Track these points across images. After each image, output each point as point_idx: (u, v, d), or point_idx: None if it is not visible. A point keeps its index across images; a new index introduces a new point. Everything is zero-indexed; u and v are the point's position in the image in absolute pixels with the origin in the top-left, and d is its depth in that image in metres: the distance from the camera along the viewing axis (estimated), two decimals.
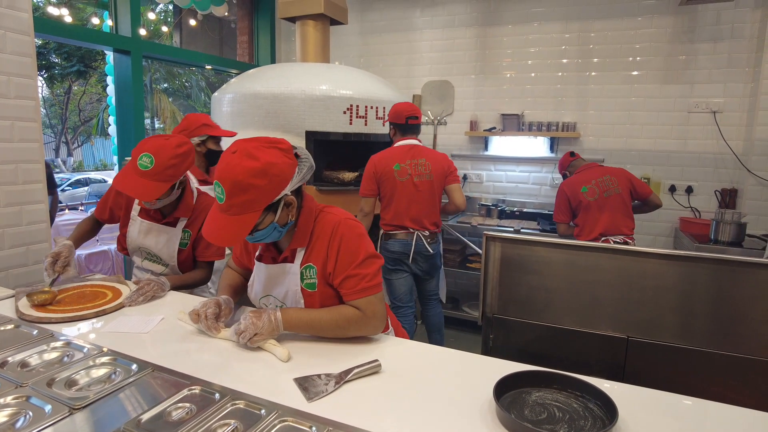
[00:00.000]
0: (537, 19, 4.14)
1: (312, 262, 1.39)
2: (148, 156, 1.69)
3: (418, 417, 1.01)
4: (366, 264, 1.37)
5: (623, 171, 3.13)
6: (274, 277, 1.44)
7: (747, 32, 3.55)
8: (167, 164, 1.70)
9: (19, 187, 2.28)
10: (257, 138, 1.28)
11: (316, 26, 3.75)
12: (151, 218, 1.91)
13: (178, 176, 1.76)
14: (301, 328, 1.36)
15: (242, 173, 1.19)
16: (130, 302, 1.62)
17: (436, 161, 2.93)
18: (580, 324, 2.19)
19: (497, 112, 4.33)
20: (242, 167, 1.20)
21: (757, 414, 1.05)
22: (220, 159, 1.25)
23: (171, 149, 1.72)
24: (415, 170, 2.89)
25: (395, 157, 2.88)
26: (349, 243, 1.36)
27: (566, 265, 2.21)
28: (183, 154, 1.76)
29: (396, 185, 2.87)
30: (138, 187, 1.69)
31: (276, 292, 1.45)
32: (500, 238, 2.31)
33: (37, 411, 1.00)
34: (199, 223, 1.93)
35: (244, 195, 1.21)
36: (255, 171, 1.20)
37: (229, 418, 0.99)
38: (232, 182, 1.20)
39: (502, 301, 2.34)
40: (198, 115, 2.60)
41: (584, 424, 0.98)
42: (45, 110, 15.47)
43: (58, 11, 9.85)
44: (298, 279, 1.39)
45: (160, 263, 1.95)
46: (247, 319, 1.30)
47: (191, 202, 1.93)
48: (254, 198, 1.22)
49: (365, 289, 1.36)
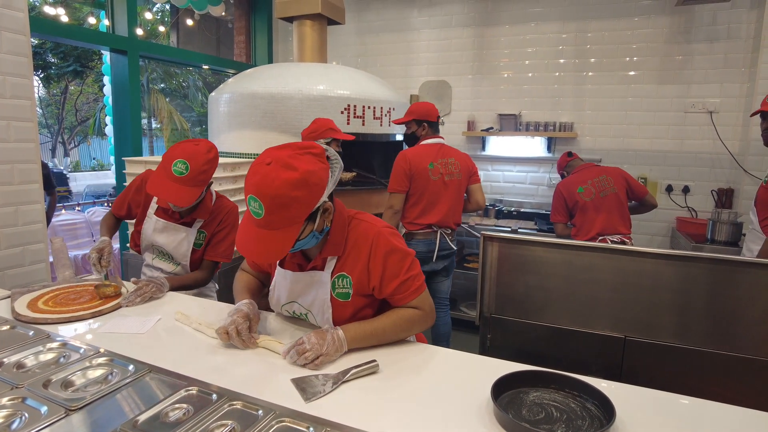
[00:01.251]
0: (534, 19, 4.15)
1: (346, 271, 1.35)
2: (183, 162, 1.72)
3: (415, 417, 1.01)
4: (413, 266, 1.38)
5: (619, 170, 3.14)
6: (301, 284, 1.39)
7: (743, 32, 3.56)
8: (201, 169, 1.74)
9: (15, 188, 2.27)
10: (288, 145, 1.21)
11: (314, 26, 3.75)
12: (169, 217, 1.94)
13: (208, 181, 1.81)
14: (365, 341, 1.31)
15: (282, 186, 1.12)
16: (127, 303, 1.62)
17: (464, 161, 2.97)
18: (577, 324, 2.19)
19: (494, 112, 4.33)
20: (281, 179, 1.12)
21: (754, 413, 1.06)
22: (251, 170, 1.17)
23: (203, 155, 1.76)
24: (446, 169, 2.89)
25: (429, 155, 2.87)
26: (396, 252, 1.34)
27: (563, 264, 2.22)
28: (213, 159, 1.80)
29: (429, 184, 2.86)
30: (173, 192, 1.72)
31: (302, 299, 1.41)
32: (498, 238, 2.31)
33: (33, 412, 1.00)
34: (215, 224, 1.96)
35: (286, 210, 1.13)
36: (294, 182, 1.12)
37: (226, 419, 0.98)
38: (271, 197, 1.12)
39: (500, 300, 2.34)
40: (324, 119, 2.86)
41: (582, 424, 0.98)
42: (41, 110, 15.40)
43: (55, 11, 9.81)
44: (329, 288, 1.35)
45: (172, 262, 1.98)
46: (311, 339, 1.23)
47: (210, 204, 1.96)
48: (296, 211, 1.15)
49: (420, 287, 1.37)
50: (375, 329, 1.32)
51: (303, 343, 1.23)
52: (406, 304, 1.37)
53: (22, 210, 2.30)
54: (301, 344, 1.23)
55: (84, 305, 1.58)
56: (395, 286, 1.34)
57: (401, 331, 1.35)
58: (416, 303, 1.37)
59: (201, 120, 13.01)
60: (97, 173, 14.49)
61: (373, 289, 1.36)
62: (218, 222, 1.97)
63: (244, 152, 3.44)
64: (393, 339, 1.35)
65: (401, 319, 1.35)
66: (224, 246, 1.99)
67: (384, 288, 1.34)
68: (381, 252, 1.33)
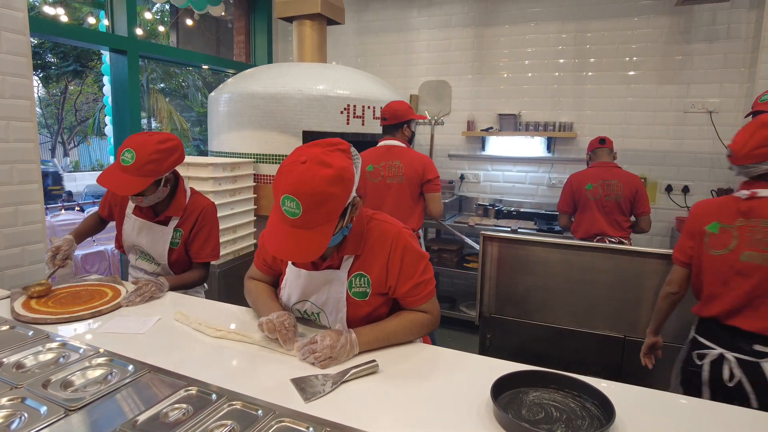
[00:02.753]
0: (534, 19, 4.15)
1: (364, 270, 1.35)
2: (129, 152, 1.70)
3: (415, 417, 1.01)
4: (427, 269, 1.39)
5: (635, 181, 3.05)
6: (316, 282, 1.37)
7: (743, 32, 3.56)
8: (148, 159, 1.70)
9: (14, 188, 2.27)
10: (317, 142, 1.21)
11: (313, 26, 3.75)
12: (144, 216, 1.92)
13: (160, 172, 1.75)
14: (377, 344, 1.31)
15: (321, 183, 1.11)
16: (127, 302, 1.62)
17: (412, 166, 2.85)
18: (577, 324, 2.19)
19: (494, 112, 4.33)
20: (319, 177, 1.11)
21: (753, 413, 1.06)
22: (284, 170, 1.16)
23: (153, 145, 1.72)
24: (388, 172, 2.86)
25: (371, 158, 2.86)
26: (414, 253, 1.36)
27: (563, 264, 2.22)
28: (166, 150, 1.75)
29: (368, 185, 2.86)
30: (119, 182, 1.69)
31: (315, 298, 1.39)
32: (497, 238, 2.31)
33: (32, 412, 1.00)
34: (191, 223, 1.92)
35: (324, 206, 1.13)
36: (332, 179, 1.12)
37: (225, 419, 0.98)
38: (310, 195, 1.11)
39: (499, 300, 2.34)
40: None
41: (581, 424, 0.98)
42: (41, 110, 15.39)
43: (54, 11, 9.81)
44: (345, 287, 1.35)
45: (153, 262, 1.96)
46: (325, 340, 1.22)
47: (183, 202, 1.92)
48: (333, 207, 1.15)
49: (431, 292, 1.40)
50: (388, 334, 1.33)
51: (315, 343, 1.23)
52: (416, 307, 1.38)
53: (21, 210, 2.30)
54: (314, 343, 1.23)
55: (83, 305, 1.58)
56: (410, 287, 1.35)
57: (411, 334, 1.37)
58: (427, 307, 1.39)
59: (201, 120, 13.02)
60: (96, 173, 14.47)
61: (389, 288, 1.36)
62: (194, 221, 1.92)
63: (243, 152, 3.44)
64: (402, 341, 1.37)
65: (412, 323, 1.37)
66: (210, 246, 1.96)
67: (399, 288, 1.35)
68: (399, 251, 1.34)
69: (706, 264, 1.62)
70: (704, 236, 1.60)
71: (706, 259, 1.62)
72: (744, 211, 1.55)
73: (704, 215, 1.62)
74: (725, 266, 1.57)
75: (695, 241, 1.64)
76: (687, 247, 1.68)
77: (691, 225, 1.66)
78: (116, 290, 1.72)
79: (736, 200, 1.59)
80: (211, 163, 2.91)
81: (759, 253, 1.52)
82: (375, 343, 1.31)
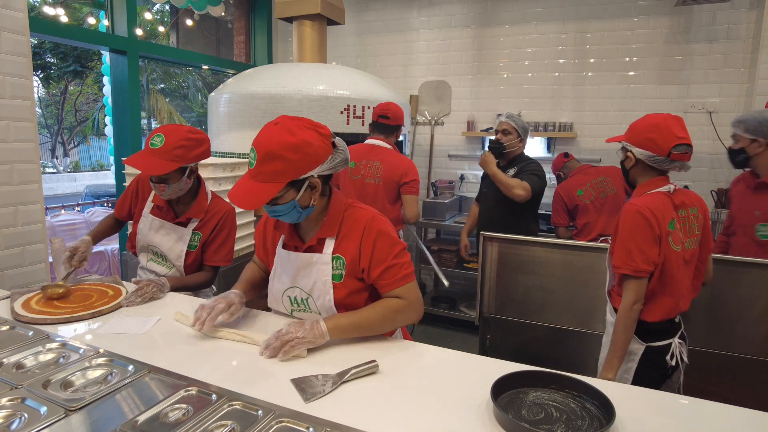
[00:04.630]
0: (534, 19, 4.15)
1: (341, 253, 1.40)
2: (159, 136, 1.73)
3: (415, 417, 1.01)
4: (402, 254, 1.40)
5: (618, 170, 3.12)
6: (301, 267, 1.43)
7: (742, 33, 3.56)
8: (177, 144, 1.73)
9: (14, 188, 2.27)
10: (301, 118, 1.32)
11: (313, 26, 3.75)
12: (164, 216, 1.92)
13: (187, 159, 1.77)
14: (349, 331, 1.35)
15: (277, 144, 1.24)
16: (128, 302, 1.62)
17: (391, 167, 2.83)
18: (577, 324, 2.19)
19: (494, 112, 4.33)
20: (279, 139, 1.24)
21: (754, 413, 1.06)
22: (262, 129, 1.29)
23: (183, 132, 1.76)
24: (367, 171, 2.86)
25: (353, 156, 2.84)
26: (386, 237, 1.39)
27: (563, 265, 2.22)
28: (195, 140, 1.79)
29: (347, 183, 2.86)
30: (146, 163, 1.71)
31: (302, 283, 1.44)
32: (497, 238, 2.31)
33: (32, 413, 1.00)
34: (211, 226, 1.93)
35: (273, 164, 1.24)
36: (289, 145, 1.23)
37: (226, 419, 0.98)
38: (265, 150, 1.24)
39: (500, 301, 2.34)
40: None
41: (582, 424, 0.98)
42: (41, 110, 15.40)
43: (54, 11, 9.81)
44: (329, 269, 1.39)
45: (165, 264, 1.95)
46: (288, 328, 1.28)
47: (205, 204, 1.93)
48: (282, 169, 1.24)
49: (406, 276, 1.39)
50: (359, 319, 1.35)
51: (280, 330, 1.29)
52: (391, 292, 1.39)
53: (21, 210, 2.30)
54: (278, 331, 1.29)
55: (83, 305, 1.58)
56: (382, 269, 1.37)
57: (386, 321, 1.38)
58: (401, 292, 1.39)
59: (201, 120, 13.01)
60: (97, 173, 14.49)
61: (362, 270, 1.39)
62: (215, 225, 1.94)
63: (243, 152, 3.44)
64: (380, 330, 1.38)
65: (385, 308, 1.38)
66: (225, 251, 1.97)
67: (372, 271, 1.38)
68: (373, 234, 1.38)
69: (670, 264, 1.61)
70: (668, 236, 1.60)
71: (670, 258, 1.60)
72: (677, 204, 1.64)
73: (662, 217, 1.59)
74: (681, 260, 1.63)
75: (661, 245, 1.59)
76: (653, 254, 1.57)
77: (653, 230, 1.57)
78: (117, 290, 1.72)
79: (667, 195, 1.64)
80: (211, 163, 2.91)
81: (693, 238, 1.67)
82: (346, 329, 1.34)
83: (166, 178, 1.77)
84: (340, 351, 1.32)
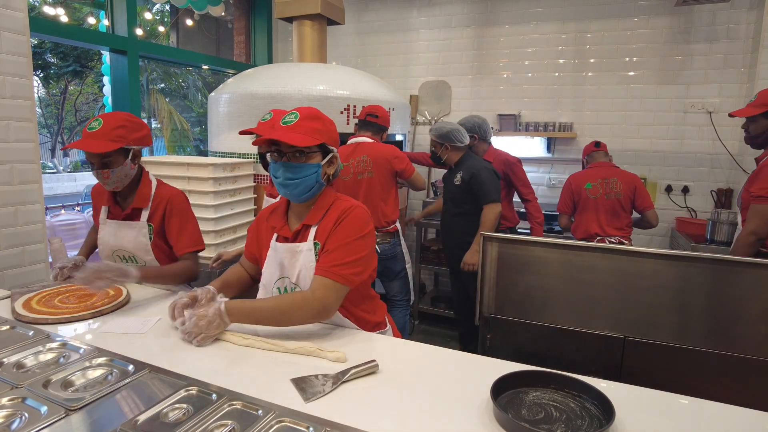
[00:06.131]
0: (534, 19, 4.15)
1: (318, 239, 1.43)
2: (97, 120, 1.75)
3: (415, 417, 1.01)
4: (359, 248, 1.38)
5: (633, 178, 3.09)
6: (287, 257, 1.45)
7: (742, 33, 3.56)
8: (116, 125, 1.73)
9: (14, 188, 2.27)
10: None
11: (313, 26, 3.75)
12: (115, 216, 1.90)
13: (128, 140, 1.76)
14: (247, 317, 1.35)
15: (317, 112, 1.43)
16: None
17: (378, 156, 2.86)
18: (577, 324, 2.19)
19: (494, 112, 4.33)
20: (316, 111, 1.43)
21: (754, 413, 1.06)
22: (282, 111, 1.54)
23: (122, 115, 1.78)
24: (357, 168, 2.87)
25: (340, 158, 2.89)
26: (350, 224, 1.39)
27: (563, 264, 2.22)
28: (135, 123, 1.80)
29: (339, 183, 2.86)
30: (87, 144, 1.70)
31: (290, 273, 1.46)
32: (497, 237, 2.31)
33: (32, 412, 1.00)
34: (160, 214, 1.89)
35: (314, 123, 1.38)
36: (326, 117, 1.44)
37: (226, 419, 0.99)
38: (308, 112, 1.40)
39: (499, 300, 2.34)
40: None
41: (581, 424, 0.98)
42: (41, 110, 15.39)
43: (54, 11, 9.81)
44: (312, 255, 1.41)
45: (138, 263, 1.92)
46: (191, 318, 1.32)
47: (148, 191, 1.89)
48: (320, 129, 1.39)
49: (339, 269, 1.35)
50: (256, 306, 1.36)
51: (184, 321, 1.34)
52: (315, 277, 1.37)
53: (21, 210, 2.30)
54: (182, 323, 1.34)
55: (83, 305, 1.58)
56: (329, 250, 1.38)
57: (280, 313, 1.34)
58: (321, 282, 1.35)
59: (201, 120, 13.01)
60: None
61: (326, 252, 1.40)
62: (162, 213, 1.88)
63: (243, 152, 3.44)
64: (274, 323, 1.36)
65: (281, 299, 1.38)
66: (186, 235, 1.91)
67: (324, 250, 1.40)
68: (343, 217, 1.40)
69: None
70: None
71: None
72: None
73: None
74: None
75: None
76: None
77: None
78: (117, 290, 1.72)
79: None
80: (211, 163, 2.91)
81: None
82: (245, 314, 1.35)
83: (109, 161, 1.73)
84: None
